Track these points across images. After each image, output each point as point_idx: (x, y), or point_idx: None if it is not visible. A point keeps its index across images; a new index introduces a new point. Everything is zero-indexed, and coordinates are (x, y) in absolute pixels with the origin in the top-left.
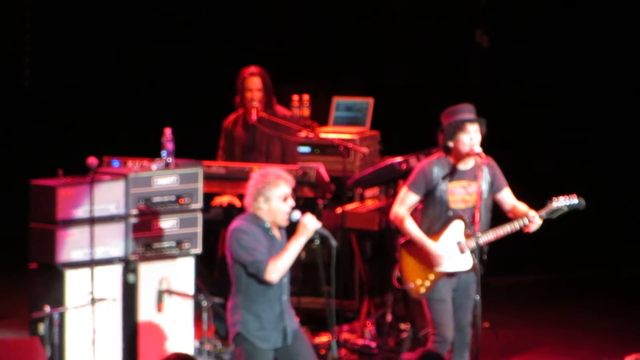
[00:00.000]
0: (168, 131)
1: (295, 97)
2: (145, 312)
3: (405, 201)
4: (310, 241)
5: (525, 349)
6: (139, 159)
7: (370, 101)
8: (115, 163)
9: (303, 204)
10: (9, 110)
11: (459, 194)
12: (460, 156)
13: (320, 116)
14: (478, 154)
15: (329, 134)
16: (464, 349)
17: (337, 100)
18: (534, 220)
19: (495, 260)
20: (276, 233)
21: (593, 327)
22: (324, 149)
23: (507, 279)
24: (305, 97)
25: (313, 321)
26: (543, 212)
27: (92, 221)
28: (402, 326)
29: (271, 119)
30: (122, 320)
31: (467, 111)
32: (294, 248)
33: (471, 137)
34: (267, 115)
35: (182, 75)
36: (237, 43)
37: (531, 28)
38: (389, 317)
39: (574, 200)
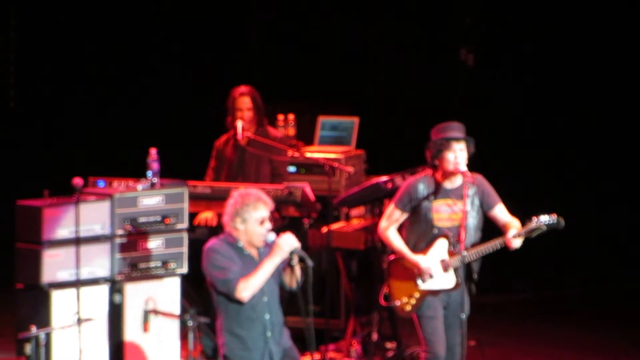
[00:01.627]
0: (153, 151)
1: (281, 117)
2: (132, 332)
3: (391, 217)
4: (288, 262)
5: None
6: (125, 179)
7: (355, 120)
8: (101, 183)
9: (288, 224)
10: None
11: (445, 212)
12: (445, 174)
13: (305, 135)
14: (463, 173)
15: (315, 153)
16: None
17: (323, 120)
18: (510, 241)
19: (481, 278)
20: (252, 252)
21: (579, 344)
22: (309, 168)
23: (493, 297)
24: (291, 116)
25: (299, 340)
26: (522, 231)
27: (77, 241)
28: (388, 345)
29: (260, 139)
30: (108, 340)
31: (453, 129)
32: (267, 268)
33: (456, 155)
34: (256, 137)
35: (168, 95)
36: (222, 61)
37: (515, 43)
38: (374, 336)
39: (553, 219)
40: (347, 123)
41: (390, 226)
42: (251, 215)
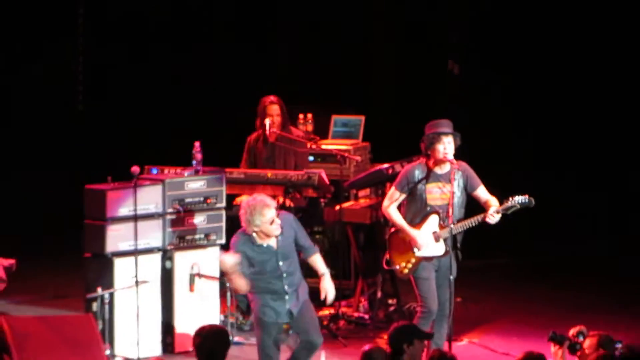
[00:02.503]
0: (197, 144)
1: (301, 116)
2: (180, 292)
3: (392, 197)
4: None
5: (491, 319)
6: (174, 167)
7: (362, 118)
8: (154, 170)
9: (308, 202)
10: (65, 126)
11: (436, 193)
12: (436, 161)
13: (321, 131)
14: (450, 161)
15: (329, 145)
16: (444, 320)
17: (335, 118)
18: (490, 216)
19: (468, 246)
20: (271, 243)
21: (549, 301)
22: (324, 157)
23: (477, 262)
24: (309, 115)
25: (317, 298)
26: (500, 209)
27: (135, 218)
28: (390, 301)
29: (287, 136)
30: (160, 298)
31: (444, 125)
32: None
33: (445, 147)
34: (283, 134)
35: (207, 99)
36: (253, 71)
37: (493, 57)
38: (379, 294)
39: (525, 199)
40: (355, 120)
41: (392, 205)
42: (261, 220)
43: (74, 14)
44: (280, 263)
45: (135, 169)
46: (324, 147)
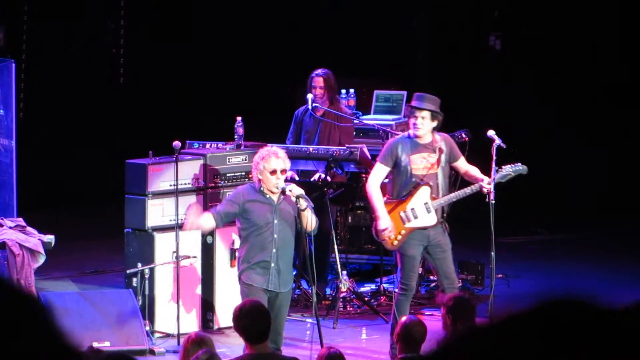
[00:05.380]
0: (239, 118)
1: (343, 90)
2: (220, 267)
3: (377, 172)
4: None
5: (530, 295)
6: (215, 142)
7: (404, 94)
8: (196, 145)
9: (349, 178)
10: (109, 103)
11: (420, 163)
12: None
13: (363, 106)
14: (432, 135)
15: (371, 120)
16: (454, 292)
17: (377, 93)
18: (487, 186)
19: (508, 223)
20: (273, 197)
21: (586, 275)
22: (366, 132)
23: (517, 239)
24: (351, 90)
25: (359, 273)
26: (494, 178)
27: (176, 193)
28: (431, 277)
29: (332, 113)
30: (201, 274)
31: (417, 99)
32: None
33: (415, 121)
34: (329, 111)
35: (254, 72)
36: (303, 48)
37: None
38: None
39: (517, 166)
40: (397, 95)
41: (377, 181)
42: (265, 167)
43: None
44: (275, 221)
45: (177, 143)
46: (366, 121)
